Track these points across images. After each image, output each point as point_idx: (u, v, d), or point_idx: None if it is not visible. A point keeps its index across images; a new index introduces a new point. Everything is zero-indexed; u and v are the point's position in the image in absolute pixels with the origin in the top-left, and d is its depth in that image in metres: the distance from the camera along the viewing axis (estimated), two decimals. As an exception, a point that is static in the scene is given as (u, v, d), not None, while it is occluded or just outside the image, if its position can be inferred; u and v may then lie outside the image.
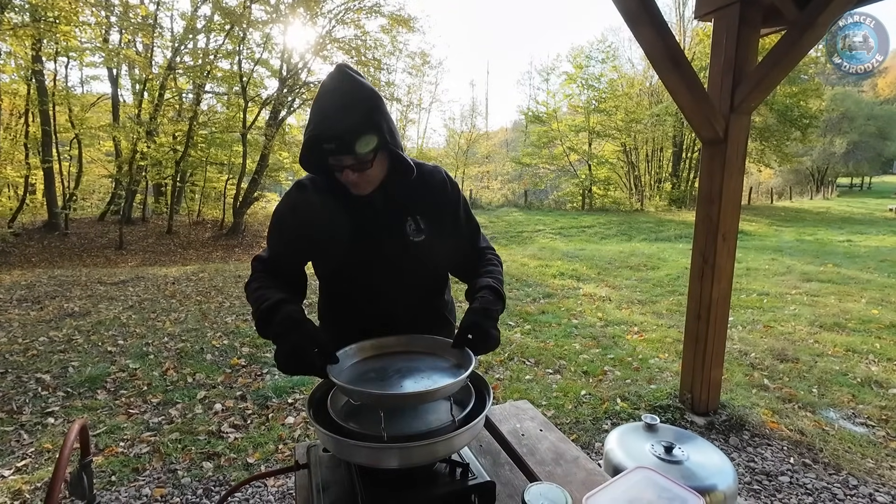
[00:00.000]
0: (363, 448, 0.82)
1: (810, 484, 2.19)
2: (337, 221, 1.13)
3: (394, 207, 1.17)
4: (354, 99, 1.01)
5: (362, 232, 1.15)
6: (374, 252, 1.17)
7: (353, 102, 1.01)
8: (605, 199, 22.32)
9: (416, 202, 1.19)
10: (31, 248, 11.12)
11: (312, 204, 1.15)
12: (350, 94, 1.01)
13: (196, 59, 13.61)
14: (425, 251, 1.19)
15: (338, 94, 1.01)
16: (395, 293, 1.21)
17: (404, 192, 1.16)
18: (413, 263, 1.20)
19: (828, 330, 4.33)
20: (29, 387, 3.16)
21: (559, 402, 2.96)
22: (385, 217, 1.16)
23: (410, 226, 1.18)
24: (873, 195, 32.18)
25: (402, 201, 1.17)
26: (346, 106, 1.00)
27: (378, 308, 1.21)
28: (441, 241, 1.22)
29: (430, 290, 1.30)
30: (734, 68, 2.44)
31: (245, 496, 2.13)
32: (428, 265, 1.24)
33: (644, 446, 1.18)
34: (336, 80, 1.02)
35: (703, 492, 1.03)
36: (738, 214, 2.61)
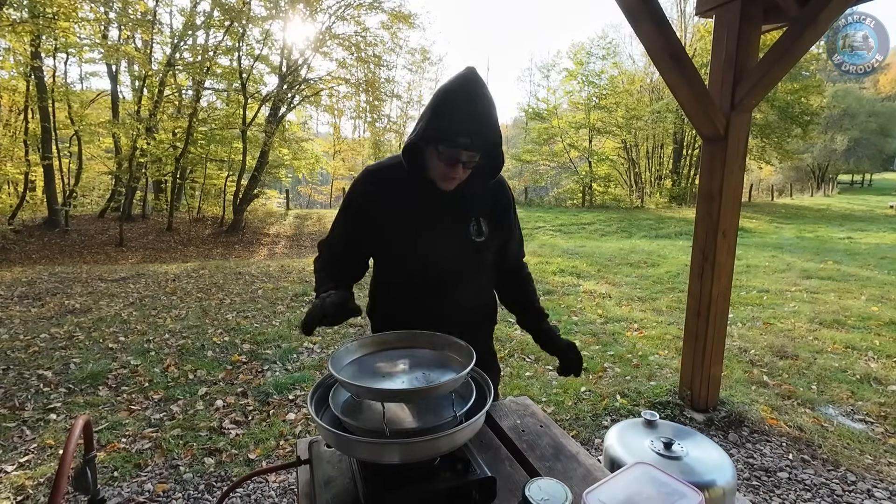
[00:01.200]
0: (364, 444, 0.83)
1: (809, 480, 2.20)
2: (403, 212, 1.19)
3: (461, 207, 1.22)
4: (485, 102, 1.08)
5: (426, 226, 1.20)
6: (434, 247, 1.21)
7: (484, 105, 1.07)
8: (605, 196, 22.30)
9: (481, 205, 1.25)
10: (31, 245, 11.12)
11: (382, 192, 1.20)
12: (482, 98, 1.07)
13: (195, 56, 13.57)
14: (483, 252, 1.26)
15: (472, 95, 1.06)
16: (449, 288, 1.26)
17: (472, 194, 1.22)
18: (470, 262, 1.27)
19: (827, 327, 4.34)
20: (31, 383, 3.17)
21: (559, 399, 2.97)
22: (451, 215, 1.22)
23: (473, 226, 1.23)
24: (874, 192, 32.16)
25: (469, 202, 1.23)
26: (482, 108, 1.07)
27: (430, 301, 1.26)
28: (497, 244, 1.30)
29: (481, 288, 1.37)
30: (735, 65, 2.43)
31: (247, 492, 2.14)
32: (484, 265, 1.32)
33: (643, 442, 1.19)
34: (470, 82, 1.08)
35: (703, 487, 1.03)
36: (738, 212, 2.61)
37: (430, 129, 1.08)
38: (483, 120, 1.07)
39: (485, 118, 1.07)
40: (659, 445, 1.18)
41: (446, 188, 1.17)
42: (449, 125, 1.06)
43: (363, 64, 15.61)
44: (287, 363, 3.59)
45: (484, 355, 1.40)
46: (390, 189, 1.20)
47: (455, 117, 1.06)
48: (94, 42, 12.49)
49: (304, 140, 17.93)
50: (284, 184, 20.44)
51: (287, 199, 19.27)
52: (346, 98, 16.73)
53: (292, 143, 16.34)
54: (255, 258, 10.79)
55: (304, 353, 3.79)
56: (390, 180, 1.21)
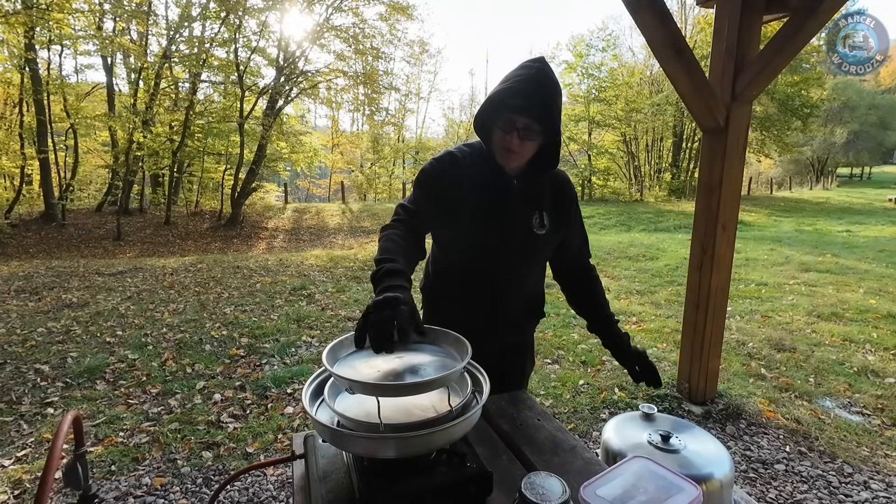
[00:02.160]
0: (360, 438, 0.82)
1: (806, 472, 2.21)
2: (473, 197, 1.22)
3: (526, 199, 1.25)
4: (550, 84, 1.13)
5: (492, 214, 1.23)
6: (497, 235, 1.25)
7: (549, 86, 1.13)
8: (604, 190, 22.27)
9: (545, 198, 1.27)
10: (28, 240, 11.09)
11: (457, 174, 1.23)
12: (548, 81, 1.13)
13: (192, 48, 13.44)
14: (543, 245, 1.30)
15: (535, 73, 1.12)
16: (505, 277, 1.29)
17: (538, 186, 1.26)
18: (530, 254, 1.29)
19: (825, 319, 4.35)
20: (28, 377, 3.17)
21: (557, 392, 2.98)
22: (516, 205, 1.24)
23: (536, 219, 1.26)
24: (873, 185, 32.16)
25: (535, 195, 1.26)
26: (542, 82, 1.12)
27: (483, 287, 1.30)
28: (557, 239, 1.33)
29: (535, 281, 1.39)
30: (736, 56, 2.41)
31: (245, 485, 2.14)
32: (542, 258, 1.35)
33: (641, 435, 1.19)
34: (539, 65, 1.13)
35: (700, 480, 1.03)
36: (737, 204, 2.60)
37: (494, 93, 1.14)
38: (544, 94, 1.11)
39: (546, 95, 1.11)
40: (657, 438, 1.18)
41: (507, 165, 1.19)
42: (510, 89, 1.11)
43: (361, 56, 15.49)
44: (285, 357, 3.58)
45: (524, 346, 1.48)
46: (466, 172, 1.23)
47: (517, 86, 1.11)
48: (89, 34, 12.37)
49: (303, 133, 17.83)
50: (283, 177, 20.38)
51: (285, 193, 19.21)
52: (344, 91, 16.62)
53: (290, 136, 16.25)
54: (253, 252, 10.77)
55: (302, 346, 3.78)
56: (468, 164, 1.24)
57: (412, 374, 0.93)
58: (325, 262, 7.25)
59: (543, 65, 1.14)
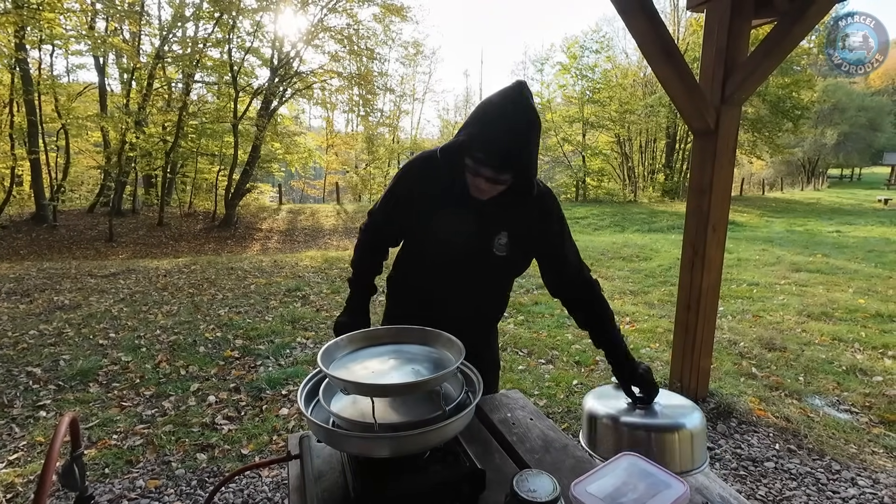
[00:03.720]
0: (354, 438, 0.83)
1: (794, 469, 2.24)
2: (439, 206, 1.21)
3: (491, 219, 1.21)
4: (524, 125, 1.04)
5: (456, 228, 1.21)
6: (457, 251, 1.23)
7: (522, 128, 1.04)
8: (598, 191, 22.38)
9: (513, 219, 1.22)
10: (19, 241, 10.97)
11: (429, 180, 1.22)
12: (522, 117, 1.03)
13: (185, 48, 13.36)
14: (503, 267, 1.27)
15: (510, 110, 1.03)
16: (462, 292, 1.29)
17: (507, 207, 1.20)
18: (488, 274, 1.28)
19: (815, 319, 4.40)
20: (20, 380, 3.14)
21: (551, 392, 3.00)
22: (480, 224, 1.21)
23: (500, 240, 1.22)
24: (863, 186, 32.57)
25: (501, 215, 1.21)
26: (517, 130, 1.03)
27: (441, 296, 1.30)
28: (522, 262, 1.30)
29: (492, 300, 1.38)
30: (726, 59, 2.44)
31: (240, 486, 2.15)
32: (499, 280, 1.34)
33: (619, 397, 1.23)
34: (512, 96, 1.03)
35: (674, 429, 1.11)
36: (728, 206, 2.63)
37: (462, 137, 1.08)
38: (516, 143, 1.04)
39: (518, 142, 1.04)
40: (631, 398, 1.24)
41: (474, 195, 1.17)
42: (477, 140, 1.04)
43: (356, 57, 15.48)
44: (280, 358, 3.58)
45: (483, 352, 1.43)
46: (437, 179, 1.21)
47: (484, 135, 1.04)
48: (81, 33, 12.26)
49: (297, 134, 17.79)
50: (277, 178, 20.30)
51: (280, 194, 19.14)
52: (338, 91, 16.59)
53: (284, 136, 16.20)
54: (247, 253, 10.73)
55: (296, 347, 3.78)
56: (439, 176, 1.21)
57: (406, 375, 0.95)
58: (319, 264, 7.24)
59: (520, 98, 1.03)
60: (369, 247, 1.37)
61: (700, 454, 1.13)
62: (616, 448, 1.11)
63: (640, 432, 1.11)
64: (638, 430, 1.12)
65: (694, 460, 1.11)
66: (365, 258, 1.37)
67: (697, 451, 1.12)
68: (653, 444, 1.09)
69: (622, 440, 1.12)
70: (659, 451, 1.08)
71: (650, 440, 1.10)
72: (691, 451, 1.11)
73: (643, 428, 1.12)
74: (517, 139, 1.04)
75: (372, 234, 1.36)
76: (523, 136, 1.04)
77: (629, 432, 1.12)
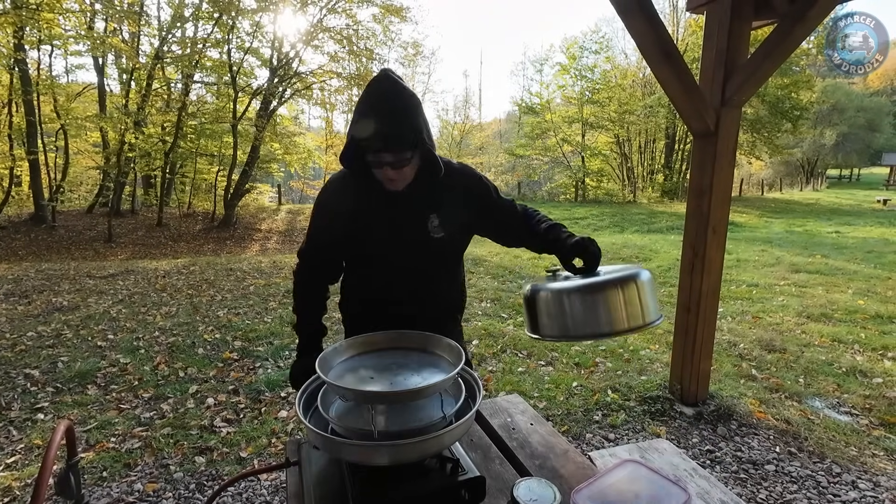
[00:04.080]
0: (353, 446, 0.82)
1: (795, 472, 2.24)
2: (367, 212, 1.23)
3: (420, 204, 1.23)
4: (398, 102, 1.08)
5: (388, 224, 1.23)
6: (395, 244, 1.24)
7: (397, 105, 1.08)
8: (598, 191, 22.39)
9: (441, 200, 1.24)
10: (17, 242, 10.95)
11: (347, 194, 1.25)
12: (394, 98, 1.08)
13: (184, 48, 13.35)
14: (443, 248, 1.26)
15: (382, 96, 1.08)
16: (409, 284, 1.28)
17: (432, 189, 1.22)
18: (430, 258, 1.28)
19: (815, 320, 4.40)
20: (17, 382, 3.13)
21: (551, 394, 2.99)
22: (410, 212, 1.23)
23: (433, 222, 1.23)
24: (862, 186, 32.61)
25: (429, 198, 1.23)
26: (391, 109, 1.08)
27: (392, 294, 1.29)
28: (462, 239, 1.31)
29: (442, 285, 1.35)
30: (726, 61, 2.44)
31: (238, 490, 2.14)
32: (446, 261, 1.32)
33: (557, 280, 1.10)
34: (381, 84, 1.09)
35: (619, 282, 0.98)
36: (728, 208, 2.63)
37: (350, 137, 1.12)
38: (394, 119, 1.07)
39: (396, 117, 1.07)
40: (571, 272, 1.14)
41: (394, 189, 1.18)
42: (362, 131, 1.08)
43: (355, 57, 15.46)
44: (279, 360, 3.57)
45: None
46: (352, 195, 1.25)
47: (366, 123, 1.07)
48: (80, 34, 12.25)
49: (296, 134, 17.77)
50: (276, 178, 20.28)
51: (279, 194, 19.13)
52: (337, 92, 16.57)
53: (284, 137, 16.17)
54: (246, 254, 10.71)
55: (296, 349, 3.77)
56: (352, 186, 1.25)
57: (406, 381, 0.94)
58: (319, 264, 7.22)
59: (387, 83, 1.09)
60: (308, 287, 1.35)
61: (653, 307, 1.00)
62: (561, 321, 1.00)
63: (585, 295, 0.98)
64: (582, 293, 0.98)
65: (646, 314, 0.98)
66: (306, 299, 1.35)
67: (648, 305, 0.99)
68: (600, 303, 0.97)
69: (567, 307, 0.99)
70: (606, 308, 0.96)
71: (596, 300, 0.97)
72: (641, 304, 0.98)
73: (588, 288, 0.98)
74: (395, 116, 1.07)
75: (308, 274, 1.35)
76: (400, 112, 1.08)
77: (573, 297, 0.99)
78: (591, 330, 0.98)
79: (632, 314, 0.97)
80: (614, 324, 0.95)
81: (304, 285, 1.35)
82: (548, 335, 1.04)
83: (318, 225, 1.31)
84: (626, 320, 0.96)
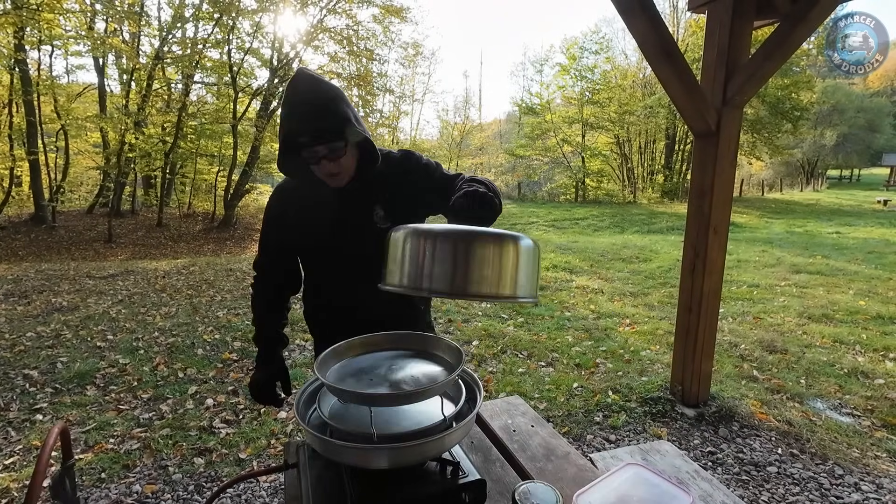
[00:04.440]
0: (352, 449, 0.81)
1: (797, 474, 2.23)
2: (314, 213, 1.23)
3: (363, 195, 1.22)
4: (318, 94, 1.08)
5: (333, 220, 1.22)
6: (342, 239, 1.23)
7: (318, 97, 1.08)
8: (598, 191, 22.38)
9: (384, 189, 1.23)
10: (17, 242, 10.94)
11: (293, 200, 1.26)
12: (314, 91, 1.08)
13: (184, 49, 13.35)
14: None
15: (302, 92, 1.08)
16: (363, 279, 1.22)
17: (374, 180, 1.21)
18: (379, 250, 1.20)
19: (816, 321, 4.39)
20: (16, 383, 3.12)
21: (551, 395, 2.98)
22: (354, 206, 1.22)
23: (378, 213, 1.22)
24: (862, 187, 32.57)
25: (371, 189, 1.22)
26: (313, 101, 1.07)
27: (349, 293, 1.28)
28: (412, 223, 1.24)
29: None
30: (727, 61, 2.43)
31: (237, 492, 2.12)
32: None
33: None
34: (299, 82, 1.09)
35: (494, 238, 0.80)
36: (729, 208, 2.62)
37: (280, 142, 1.12)
38: (318, 110, 1.07)
39: (319, 108, 1.07)
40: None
41: (337, 184, 1.18)
42: (288, 131, 1.08)
43: (355, 58, 15.47)
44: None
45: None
46: (297, 199, 1.25)
47: (290, 122, 1.07)
48: (80, 34, 12.25)
49: (296, 135, 17.74)
50: (276, 178, 20.27)
51: (279, 195, 19.09)
52: (338, 92, 16.55)
53: (284, 137, 16.14)
54: (246, 254, 10.70)
55: (295, 350, 3.76)
56: (296, 190, 1.26)
57: (405, 384, 0.93)
58: (318, 265, 7.21)
59: (303, 80, 1.08)
60: (264, 297, 1.35)
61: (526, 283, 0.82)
62: (414, 269, 0.81)
63: (446, 242, 0.78)
64: (445, 239, 0.78)
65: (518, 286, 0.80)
66: (263, 309, 1.34)
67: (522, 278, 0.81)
68: (466, 255, 0.77)
69: (427, 252, 0.79)
70: (473, 264, 0.77)
71: (458, 250, 0.77)
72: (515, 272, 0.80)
73: (454, 236, 0.79)
74: (318, 107, 1.07)
75: (265, 283, 1.35)
76: (322, 102, 1.08)
77: (437, 241, 0.78)
78: (444, 286, 0.77)
79: (502, 282, 0.79)
80: (477, 284, 0.77)
81: (260, 296, 1.35)
82: (394, 284, 0.84)
83: (267, 233, 1.31)
84: (494, 284, 0.78)
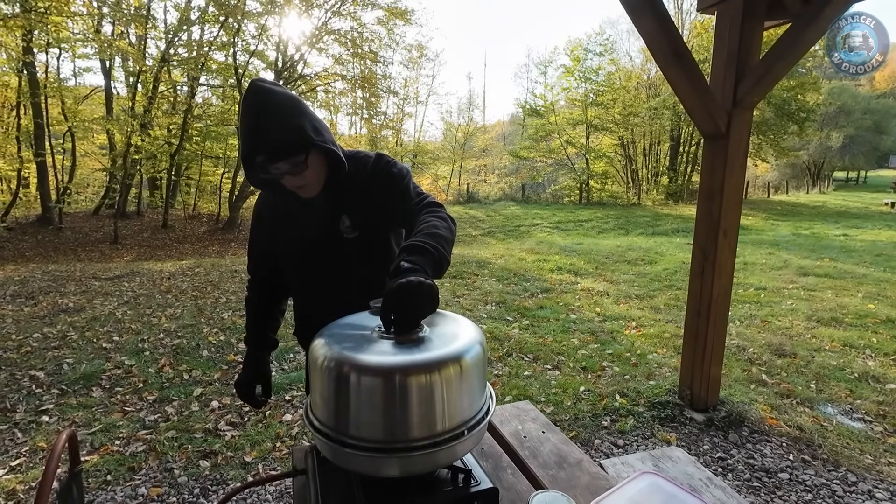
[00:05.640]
0: (362, 457, 0.80)
1: (810, 481, 2.19)
2: (283, 222, 1.25)
3: (329, 205, 1.20)
4: (271, 107, 1.04)
5: (305, 232, 1.23)
6: (312, 250, 1.23)
7: (271, 111, 1.03)
8: (602, 193, 22.29)
9: (352, 197, 1.19)
10: (24, 243, 11.01)
11: (268, 207, 1.29)
12: (266, 104, 1.04)
13: (190, 51, 13.43)
14: (359, 247, 1.21)
15: (255, 107, 1.03)
16: (333, 289, 1.25)
17: (342, 188, 1.19)
18: (346, 260, 1.22)
19: (825, 325, 4.34)
20: (23, 384, 3.13)
21: (558, 399, 2.95)
22: (321, 215, 1.20)
23: (345, 222, 1.19)
24: (869, 189, 32.31)
25: (339, 198, 1.19)
26: (266, 116, 1.03)
27: (315, 303, 1.31)
28: (381, 235, 1.24)
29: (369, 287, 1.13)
30: (737, 62, 2.40)
31: (242, 495, 2.11)
32: (368, 262, 1.22)
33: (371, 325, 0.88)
34: (250, 98, 1.05)
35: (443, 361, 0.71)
36: (739, 211, 2.59)
37: (241, 161, 1.11)
38: (271, 128, 1.03)
39: (272, 124, 1.03)
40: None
41: (307, 196, 1.15)
42: (246, 149, 1.05)
43: (359, 60, 15.51)
44: (283, 363, 3.55)
45: None
46: (270, 207, 1.28)
47: (245, 140, 1.05)
48: (88, 37, 12.33)
49: (301, 136, 17.78)
50: (280, 180, 20.32)
51: (283, 196, 19.13)
52: (342, 94, 16.62)
53: (288, 139, 16.20)
54: (251, 256, 10.69)
55: (300, 352, 3.75)
56: (271, 200, 1.28)
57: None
58: (323, 267, 7.21)
59: (255, 94, 1.04)
60: (253, 300, 1.40)
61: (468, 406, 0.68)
62: (328, 407, 0.69)
63: (366, 378, 0.68)
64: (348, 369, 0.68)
65: (451, 419, 0.68)
66: (253, 312, 1.40)
67: (462, 404, 0.67)
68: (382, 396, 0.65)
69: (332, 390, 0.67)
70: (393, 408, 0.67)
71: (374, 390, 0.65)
72: (445, 405, 0.68)
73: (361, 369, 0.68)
74: (271, 123, 1.03)
75: (252, 287, 1.41)
76: (275, 117, 1.03)
77: (341, 372, 0.68)
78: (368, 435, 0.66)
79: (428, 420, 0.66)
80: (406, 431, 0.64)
81: (251, 300, 1.41)
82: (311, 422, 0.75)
83: (252, 239, 1.36)
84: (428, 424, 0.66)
